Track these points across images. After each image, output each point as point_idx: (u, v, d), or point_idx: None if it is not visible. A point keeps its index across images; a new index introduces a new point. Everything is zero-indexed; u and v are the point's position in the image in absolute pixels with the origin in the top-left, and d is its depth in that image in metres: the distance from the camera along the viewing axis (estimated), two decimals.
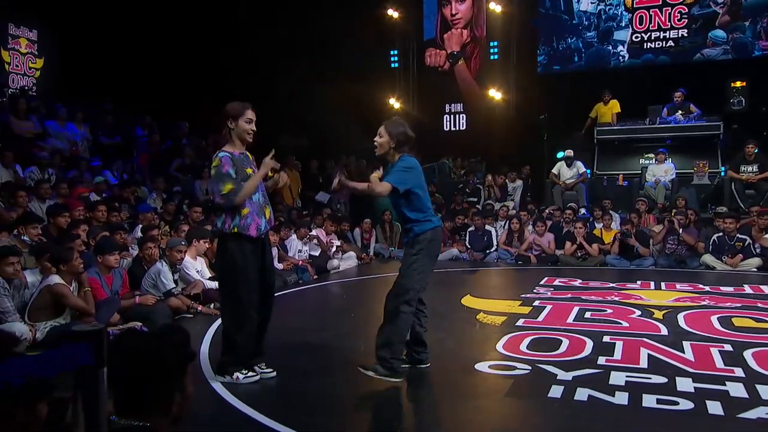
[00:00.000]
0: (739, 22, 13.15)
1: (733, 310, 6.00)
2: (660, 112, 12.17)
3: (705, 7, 13.32)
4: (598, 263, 9.60)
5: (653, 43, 13.74)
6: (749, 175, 10.74)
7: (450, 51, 15.34)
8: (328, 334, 5.37)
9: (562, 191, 11.85)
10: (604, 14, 14.14)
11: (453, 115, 15.47)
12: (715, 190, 11.18)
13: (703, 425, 3.23)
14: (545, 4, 14.60)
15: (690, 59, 13.54)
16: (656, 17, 13.65)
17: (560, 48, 14.61)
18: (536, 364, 4.27)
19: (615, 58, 14.16)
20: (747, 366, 4.13)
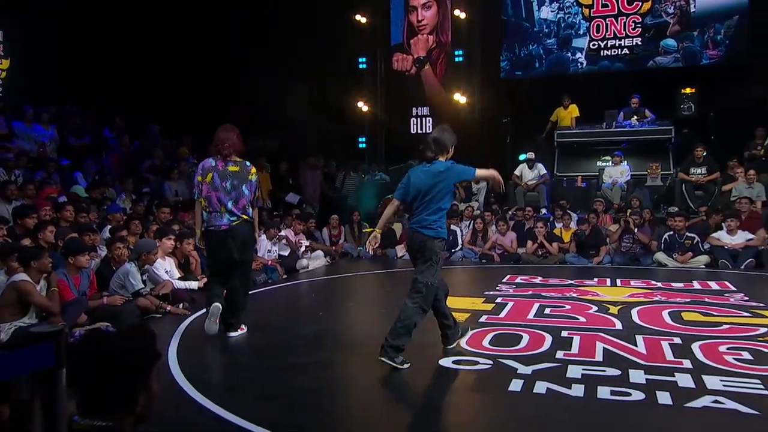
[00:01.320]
0: (688, 32, 13.52)
1: (682, 305, 6.15)
2: (616, 117, 12.43)
3: (657, 17, 13.66)
4: (557, 261, 9.75)
5: (609, 50, 14.04)
6: (698, 177, 11.06)
7: (416, 56, 15.40)
8: (296, 333, 5.34)
9: (524, 192, 12.00)
10: (563, 22, 14.39)
11: (420, 118, 15.53)
12: (667, 191, 11.46)
13: (652, 415, 3.31)
14: (507, 11, 14.79)
15: (643, 66, 13.87)
16: (612, 26, 13.95)
17: (522, 54, 14.81)
18: (498, 359, 4.31)
19: (574, 64, 14.42)
20: (694, 358, 4.24)
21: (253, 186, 5.11)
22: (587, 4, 14.09)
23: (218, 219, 4.94)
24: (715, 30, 13.36)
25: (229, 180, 4.98)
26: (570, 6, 14.26)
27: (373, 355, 4.69)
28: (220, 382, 3.98)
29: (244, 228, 5.05)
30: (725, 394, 3.49)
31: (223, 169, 5.00)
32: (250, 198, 5.09)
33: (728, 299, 6.49)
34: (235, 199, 4.98)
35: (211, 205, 4.94)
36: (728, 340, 4.72)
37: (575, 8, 14.22)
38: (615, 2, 13.85)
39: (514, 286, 7.56)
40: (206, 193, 4.97)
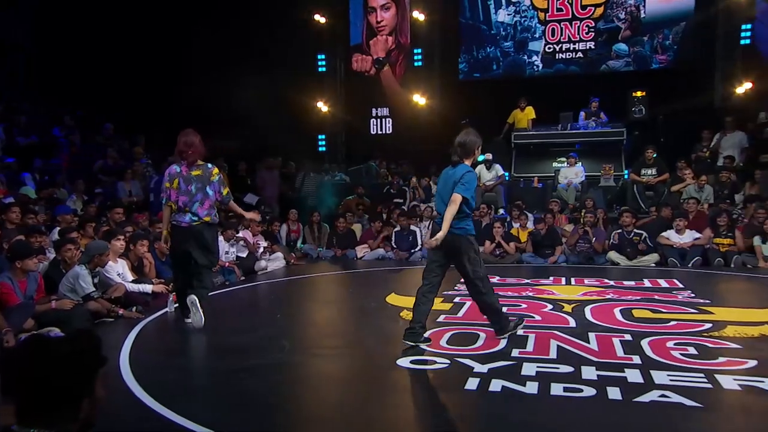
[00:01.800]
0: (639, 37, 13.95)
1: (633, 303, 6.31)
2: (571, 119, 12.71)
3: (609, 22, 14.05)
4: (515, 261, 9.90)
5: (564, 54, 14.36)
6: (649, 177, 11.41)
7: (376, 56, 15.44)
8: (254, 335, 5.28)
9: (482, 192, 12.14)
10: (519, 26, 14.64)
11: (379, 118, 15.56)
12: (619, 192, 11.79)
13: (603, 410, 3.39)
14: (465, 14, 14.97)
15: (597, 70, 14.24)
16: (567, 30, 14.27)
17: (480, 56, 15.02)
18: (455, 358, 4.35)
19: (530, 67, 14.69)
20: (644, 353, 4.37)
21: (216, 186, 5.41)
22: (542, 8, 14.37)
23: (182, 217, 5.35)
24: (664, 35, 13.82)
25: (193, 184, 5.34)
26: (526, 10, 14.53)
27: (331, 356, 4.70)
28: (174, 386, 3.90)
29: (204, 230, 5.38)
30: (671, 389, 3.60)
31: (187, 174, 5.37)
32: (215, 198, 5.42)
33: (676, 296, 6.69)
34: (201, 201, 5.34)
35: (179, 206, 5.36)
36: (675, 336, 4.87)
37: (531, 12, 14.49)
38: (569, 7, 14.18)
39: None
40: (174, 198, 5.36)
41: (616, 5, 13.96)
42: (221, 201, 5.51)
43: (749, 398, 3.55)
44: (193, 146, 5.35)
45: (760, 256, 9.00)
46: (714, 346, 4.58)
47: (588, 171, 12.01)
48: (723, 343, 4.66)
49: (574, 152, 12.09)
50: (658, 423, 3.22)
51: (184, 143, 5.36)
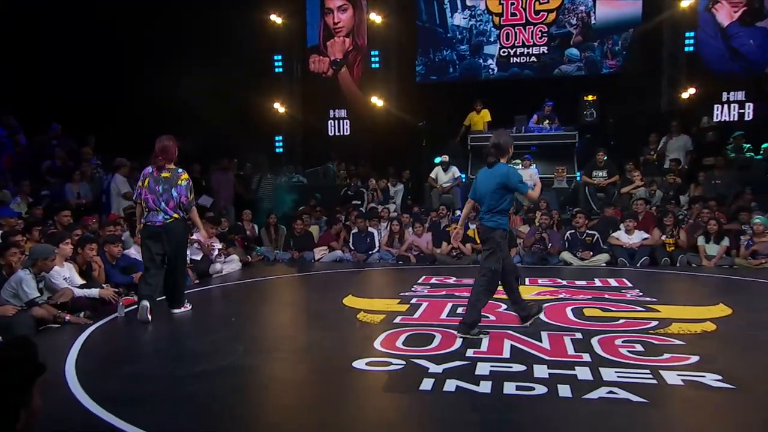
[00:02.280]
0: (589, 42, 14.33)
1: (584, 302, 6.46)
2: (525, 122, 12.95)
3: (562, 28, 14.38)
4: (471, 261, 10.00)
5: (519, 58, 14.63)
6: (600, 179, 11.72)
7: (333, 58, 15.39)
8: (207, 339, 5.19)
9: (440, 194, 12.25)
10: (475, 29, 14.84)
11: (337, 120, 15.51)
12: (572, 193, 12.06)
13: (553, 407, 3.46)
14: (422, 17, 15.09)
15: (550, 74, 14.55)
16: (521, 34, 14.54)
17: (436, 59, 15.16)
18: (410, 359, 4.37)
19: (485, 70, 14.90)
20: (593, 351, 4.47)
21: (182, 189, 5.93)
22: (497, 13, 14.61)
23: (155, 216, 5.88)
24: (614, 41, 14.23)
25: (161, 184, 5.89)
26: (481, 14, 14.74)
27: (286, 359, 4.66)
28: (122, 393, 3.79)
29: (177, 226, 5.96)
30: (619, 385, 3.70)
31: (157, 175, 5.93)
32: (179, 200, 5.91)
33: (625, 295, 6.88)
34: (166, 201, 5.89)
35: (149, 205, 5.90)
36: (624, 334, 5.02)
37: (486, 16, 14.71)
38: (523, 12, 14.45)
39: (428, 286, 7.69)
40: (144, 196, 5.92)
41: (567, 11, 14.30)
42: (185, 205, 5.95)
43: (691, 393, 3.68)
44: (165, 151, 5.94)
45: (704, 256, 9.36)
46: (659, 343, 4.73)
47: (542, 173, 12.21)
48: (668, 339, 4.82)
49: (528, 154, 12.31)
50: (606, 419, 3.30)
51: (158, 148, 5.95)
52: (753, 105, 13.24)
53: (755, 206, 10.16)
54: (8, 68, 12.25)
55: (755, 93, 13.26)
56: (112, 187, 10.12)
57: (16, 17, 12.49)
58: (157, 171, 5.94)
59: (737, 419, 3.38)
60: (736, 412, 3.45)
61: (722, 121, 13.29)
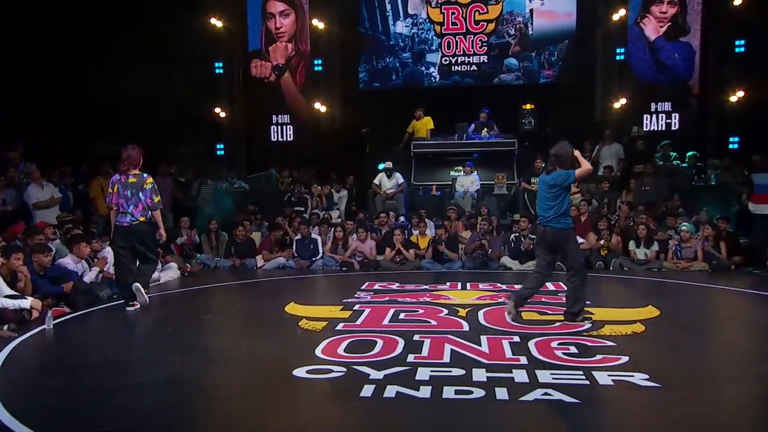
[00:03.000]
0: (527, 52, 14.76)
1: (523, 306, 6.60)
2: (466, 129, 13.18)
3: (500, 38, 14.76)
4: (414, 267, 10.09)
5: (460, 66, 14.90)
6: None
7: (275, 63, 15.24)
8: (141, 350, 5.03)
9: (383, 200, 12.30)
10: (417, 38, 15.04)
11: (280, 125, 15.36)
12: (511, 199, 12.34)
13: (491, 410, 3.53)
14: (365, 24, 15.17)
15: (490, 83, 14.89)
16: (461, 43, 14.83)
17: (379, 66, 15.26)
18: (351, 365, 4.37)
19: (428, 78, 15.11)
20: (530, 354, 4.60)
21: (147, 193, 6.63)
22: (438, 22, 14.85)
23: (123, 218, 6.62)
24: (550, 52, 14.70)
25: (129, 189, 6.60)
26: (423, 22, 14.95)
27: (224, 369, 4.56)
28: (47, 408, 3.62)
29: (142, 227, 6.66)
30: (554, 387, 3.82)
31: (125, 181, 6.63)
32: (147, 202, 6.63)
33: (561, 298, 7.03)
34: (135, 204, 6.59)
35: (119, 208, 6.61)
36: (559, 336, 5.17)
37: (428, 25, 14.93)
38: (463, 21, 14.74)
39: (372, 292, 7.70)
40: (115, 201, 6.63)
41: (506, 22, 14.68)
42: (151, 206, 6.65)
43: (620, 392, 3.83)
44: (129, 159, 6.64)
45: (635, 259, 9.76)
46: (592, 344, 4.90)
47: (483, 179, 12.46)
48: (600, 341, 5.00)
49: (470, 161, 12.52)
50: (540, 420, 3.40)
51: (125, 156, 6.66)
52: (679, 115, 13.95)
53: (682, 212, 10.68)
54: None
55: (681, 104, 13.97)
56: (25, 197, 9.68)
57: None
58: (124, 177, 6.64)
59: (662, 416, 3.54)
60: (661, 410, 3.61)
61: (651, 130, 13.92)
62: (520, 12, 14.62)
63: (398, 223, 11.32)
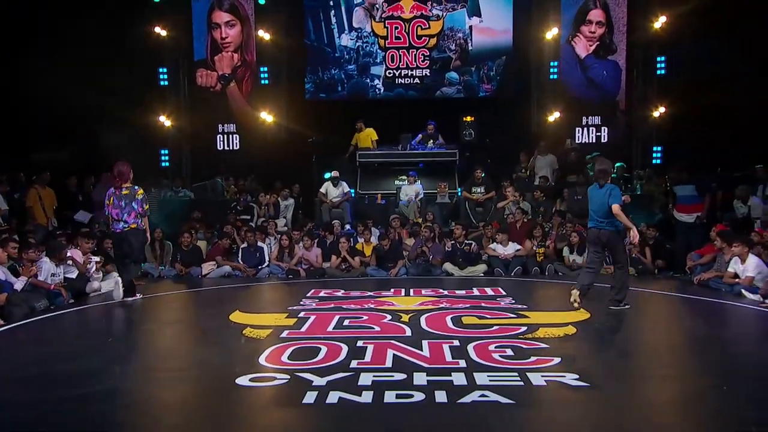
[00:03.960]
0: (467, 67, 15.07)
1: (463, 311, 6.69)
2: (410, 140, 13.33)
3: (442, 52, 15.02)
4: (360, 274, 10.10)
5: (403, 79, 15.07)
6: (478, 195, 12.30)
7: (221, 73, 14.99)
8: (81, 362, 4.81)
9: (330, 209, 12.27)
10: (362, 50, 15.12)
11: (226, 134, 15.10)
12: (453, 208, 12.54)
13: (430, 413, 3.56)
14: (310, 36, 15.14)
15: (432, 95, 15.13)
16: (405, 57, 15.01)
17: (325, 78, 15.26)
18: (295, 372, 4.32)
19: (372, 90, 15.20)
20: (469, 357, 4.66)
21: (139, 202, 7.55)
22: (382, 36, 14.98)
23: (116, 225, 7.57)
24: (489, 67, 15.06)
25: (123, 200, 7.52)
26: (367, 36, 15.05)
27: (167, 380, 4.43)
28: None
29: (133, 233, 7.55)
30: (490, 388, 3.88)
31: (119, 193, 7.56)
32: (139, 210, 7.55)
33: (500, 303, 7.23)
34: (128, 213, 7.50)
35: (113, 217, 7.53)
36: (497, 340, 5.25)
37: (372, 38, 15.03)
38: (407, 36, 14.93)
39: (317, 300, 7.65)
40: (110, 211, 7.55)
41: (447, 37, 14.95)
42: (142, 214, 7.57)
43: (552, 392, 3.93)
44: (121, 174, 7.55)
45: (568, 265, 10.07)
46: (527, 347, 5.01)
47: (426, 188, 12.61)
48: (535, 343, 5.12)
49: (413, 171, 12.65)
50: (477, 421, 3.45)
51: (116, 172, 7.60)
52: (608, 129, 14.53)
53: None
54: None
55: (609, 118, 14.56)
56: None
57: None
58: (118, 191, 7.55)
59: (590, 414, 3.66)
60: (589, 408, 3.74)
61: (582, 143, 14.44)
62: (461, 28, 14.93)
63: (344, 231, 11.31)
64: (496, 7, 14.85)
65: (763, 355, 5.06)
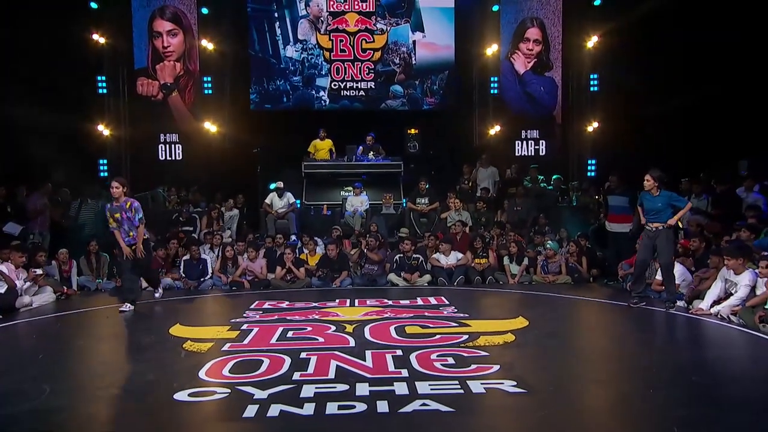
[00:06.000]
0: (411, 80, 15.28)
1: (407, 320, 6.70)
2: (355, 151, 13.36)
3: (386, 66, 15.17)
4: (304, 285, 9.99)
5: (348, 91, 15.12)
6: (422, 206, 12.43)
7: (163, 82, 14.61)
8: (8, 379, 4.56)
9: (275, 220, 12.11)
10: (307, 62, 15.09)
11: (168, 144, 14.71)
12: (398, 218, 12.62)
13: (371, 423, 3.55)
14: (254, 46, 15.00)
15: (377, 108, 15.23)
16: (350, 69, 15.07)
17: (270, 88, 15.13)
18: (236, 386, 4.23)
19: (318, 101, 15.18)
20: (411, 367, 4.67)
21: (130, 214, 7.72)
22: (327, 48, 15.00)
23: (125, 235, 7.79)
24: (432, 81, 15.32)
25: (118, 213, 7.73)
26: (312, 48, 15.04)
27: (101, 397, 4.25)
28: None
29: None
30: (431, 397, 3.90)
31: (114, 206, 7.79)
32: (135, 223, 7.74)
33: (443, 312, 7.28)
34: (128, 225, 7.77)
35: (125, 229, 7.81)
36: (439, 348, 5.29)
37: (317, 50, 15.03)
38: (351, 49, 15.01)
39: (261, 311, 7.52)
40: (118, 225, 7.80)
41: (391, 51, 15.13)
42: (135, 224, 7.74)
43: (491, 399, 4.00)
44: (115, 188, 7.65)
45: (509, 274, 10.29)
46: (468, 355, 5.07)
47: (371, 199, 12.65)
48: (475, 351, 5.19)
49: (358, 182, 12.68)
50: (417, 430, 3.46)
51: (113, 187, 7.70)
52: (545, 142, 15.00)
53: (547, 230, 11.43)
54: None
55: (547, 132, 15.04)
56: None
57: None
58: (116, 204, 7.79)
59: (526, 420, 3.73)
60: (526, 414, 3.81)
61: (521, 155, 14.84)
62: (404, 42, 15.13)
63: (289, 242, 11.18)
64: (438, 23, 15.14)
65: (688, 359, 5.30)
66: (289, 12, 14.94)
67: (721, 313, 6.74)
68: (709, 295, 7.12)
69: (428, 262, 10.47)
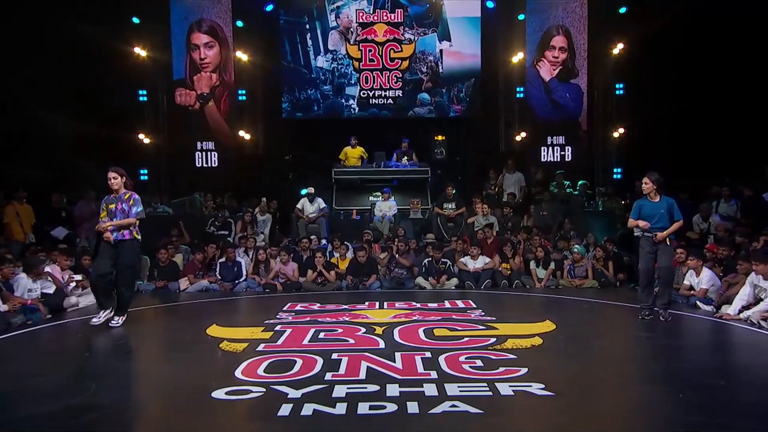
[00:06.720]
0: (438, 88, 15.28)
1: (435, 323, 6.68)
2: (384, 158, 13.42)
3: (414, 74, 15.22)
4: (335, 288, 10.05)
5: (377, 99, 15.22)
6: (449, 211, 12.39)
7: (200, 92, 14.91)
8: (57, 376, 4.68)
9: (306, 224, 12.22)
10: (337, 72, 15.24)
11: (204, 152, 15.00)
12: (426, 223, 12.61)
13: (402, 424, 3.54)
14: (287, 57, 15.20)
15: (405, 115, 15.29)
16: (378, 78, 15.16)
17: (302, 97, 15.31)
18: (270, 385, 4.27)
19: (347, 109, 15.30)
20: (440, 369, 4.65)
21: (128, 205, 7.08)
22: (357, 58, 15.13)
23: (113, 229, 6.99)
24: (458, 89, 15.30)
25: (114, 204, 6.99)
26: (342, 58, 15.18)
27: (143, 394, 4.34)
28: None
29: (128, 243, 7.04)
30: (460, 399, 3.88)
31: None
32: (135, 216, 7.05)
33: (470, 315, 7.25)
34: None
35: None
36: (467, 351, 5.26)
37: (347, 60, 15.17)
38: (380, 58, 15.12)
39: (293, 313, 7.58)
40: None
41: (419, 60, 15.17)
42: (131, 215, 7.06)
43: (519, 401, 3.95)
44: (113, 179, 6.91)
45: (535, 278, 10.18)
46: (496, 357, 5.03)
47: (399, 205, 12.69)
48: (503, 354, 5.15)
49: (387, 188, 12.71)
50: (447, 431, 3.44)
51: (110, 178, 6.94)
52: (571, 148, 14.83)
53: (573, 234, 11.28)
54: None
55: (572, 138, 14.87)
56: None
57: None
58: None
59: (554, 422, 3.69)
60: (553, 416, 3.76)
61: (548, 161, 14.70)
62: (431, 52, 15.15)
63: (319, 245, 11.26)
64: (464, 33, 15.12)
65: (717, 364, 5.17)
66: (319, 23, 15.11)
67: (751, 319, 6.56)
68: (737, 300, 6.94)
69: (455, 266, 10.43)
